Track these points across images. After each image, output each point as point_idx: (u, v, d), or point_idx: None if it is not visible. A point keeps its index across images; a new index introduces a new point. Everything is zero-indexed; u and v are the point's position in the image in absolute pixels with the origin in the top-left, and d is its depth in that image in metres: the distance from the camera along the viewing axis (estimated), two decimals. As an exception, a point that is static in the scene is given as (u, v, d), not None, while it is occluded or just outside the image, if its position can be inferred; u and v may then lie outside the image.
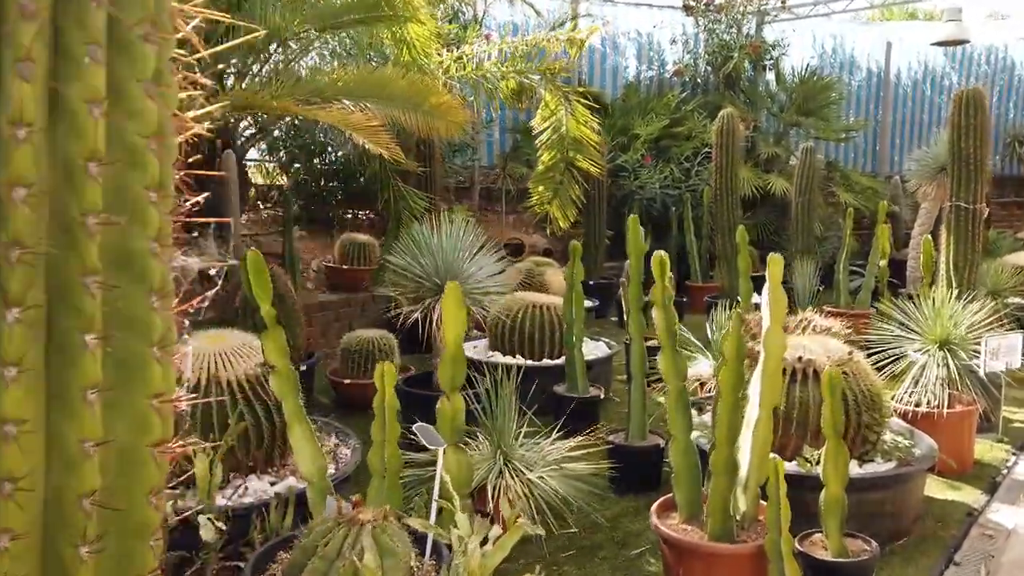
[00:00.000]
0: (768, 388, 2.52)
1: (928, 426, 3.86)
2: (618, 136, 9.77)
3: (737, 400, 2.53)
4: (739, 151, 7.16)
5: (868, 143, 12.26)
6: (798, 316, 4.97)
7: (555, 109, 6.50)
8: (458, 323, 2.56)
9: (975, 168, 4.56)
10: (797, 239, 8.25)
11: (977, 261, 4.66)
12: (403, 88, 4.46)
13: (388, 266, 3.95)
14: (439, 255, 3.89)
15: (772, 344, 2.51)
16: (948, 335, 3.99)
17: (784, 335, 2.50)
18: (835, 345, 3.38)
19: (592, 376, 4.67)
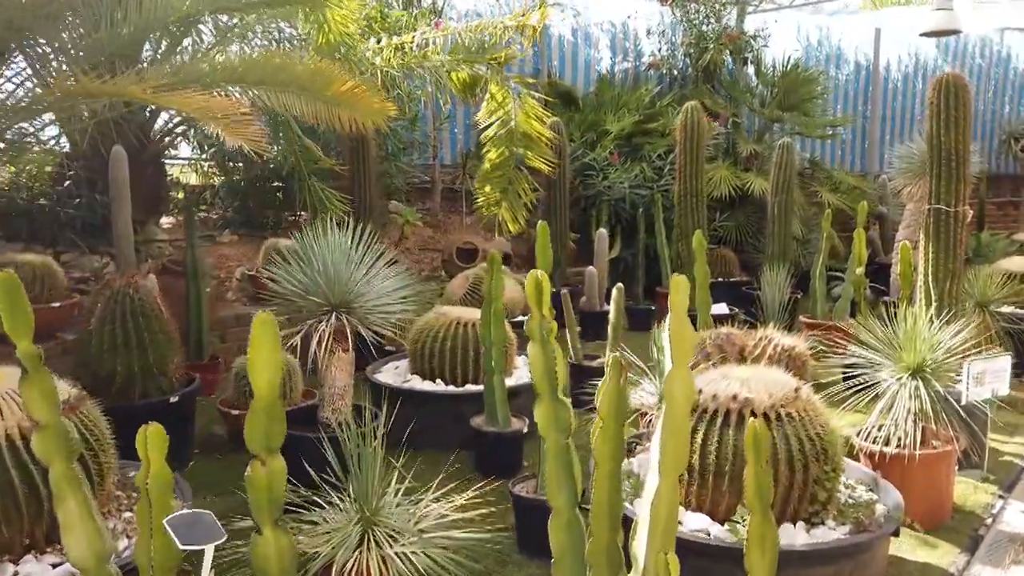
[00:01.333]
0: (672, 449, 1.94)
1: (898, 470, 3.28)
2: (587, 133, 9.19)
3: (618, 470, 1.95)
4: (704, 148, 6.56)
5: (856, 140, 11.67)
6: (758, 334, 4.39)
7: (503, 102, 5.92)
8: (270, 367, 1.98)
9: (957, 165, 3.98)
10: (773, 242, 7.67)
11: (959, 272, 4.08)
12: (301, 74, 3.88)
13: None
14: (325, 269, 3.30)
15: (676, 391, 1.93)
16: (922, 361, 3.41)
17: (691, 379, 1.92)
18: (780, 379, 2.80)
19: (519, 405, 4.09)
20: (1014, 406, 4.50)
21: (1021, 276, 6.60)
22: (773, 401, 2.67)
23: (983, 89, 12.49)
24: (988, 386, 3.75)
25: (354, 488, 2.53)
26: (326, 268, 3.26)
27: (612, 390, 1.89)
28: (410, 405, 4.12)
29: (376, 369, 4.52)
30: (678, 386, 1.93)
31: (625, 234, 8.49)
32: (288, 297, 3.26)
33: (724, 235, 9.37)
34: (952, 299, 4.07)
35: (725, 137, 9.78)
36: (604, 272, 7.31)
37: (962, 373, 3.63)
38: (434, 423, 3.99)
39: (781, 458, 2.60)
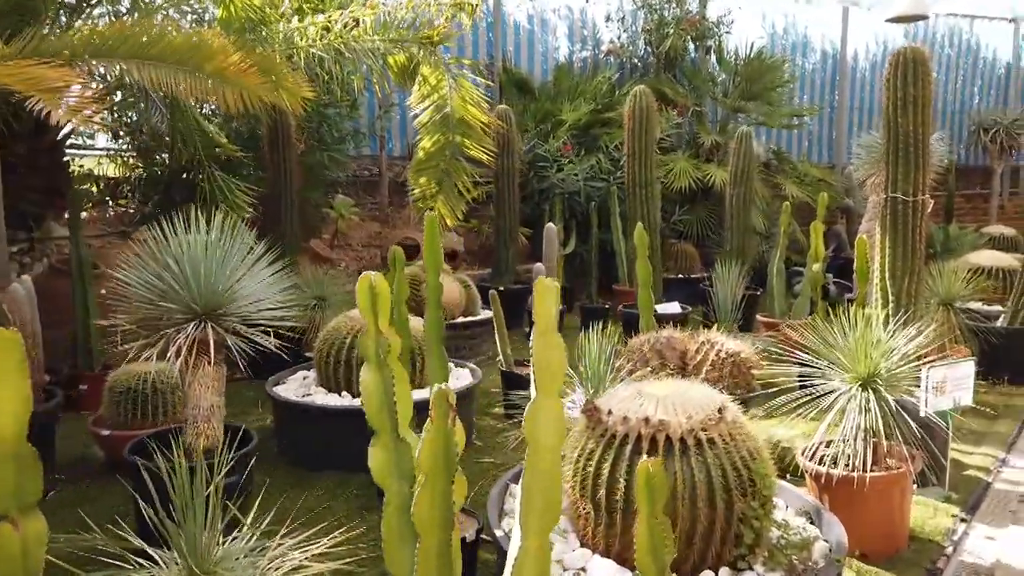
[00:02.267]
0: (539, 503, 1.52)
1: (846, 494, 2.89)
2: (542, 123, 8.76)
3: (448, 541, 1.51)
4: (655, 135, 6.14)
5: (823, 131, 11.35)
6: (701, 337, 3.99)
7: (437, 85, 5.46)
8: (15, 398, 1.52)
9: (916, 150, 3.59)
10: (732, 237, 7.29)
11: (919, 268, 3.70)
12: (179, 47, 3.40)
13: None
14: (189, 269, 2.84)
15: (540, 431, 1.50)
16: (874, 370, 3.01)
17: (560, 413, 1.50)
18: (704, 397, 2.38)
19: (432, 419, 3.65)
20: (979, 411, 4.14)
21: (989, 271, 6.28)
22: (692, 424, 2.25)
23: (952, 79, 12.23)
24: (949, 395, 3.37)
25: (185, 536, 2.08)
26: (190, 268, 2.79)
27: (436, 436, 1.45)
28: (310, 422, 3.67)
29: (280, 380, 4.06)
30: (544, 423, 1.50)
31: (580, 229, 8.08)
32: (142, 303, 2.79)
33: (685, 229, 9.00)
34: (911, 298, 3.68)
35: (687, 127, 9.40)
36: (554, 269, 6.88)
37: (920, 382, 3.25)
38: (337, 442, 3.54)
39: (700, 493, 2.18)
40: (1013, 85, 12.61)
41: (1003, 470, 3.88)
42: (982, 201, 12.39)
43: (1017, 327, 5.29)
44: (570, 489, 2.37)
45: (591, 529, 2.31)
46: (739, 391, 3.85)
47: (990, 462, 3.94)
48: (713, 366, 3.83)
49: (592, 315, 7.39)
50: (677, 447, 2.22)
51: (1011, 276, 6.27)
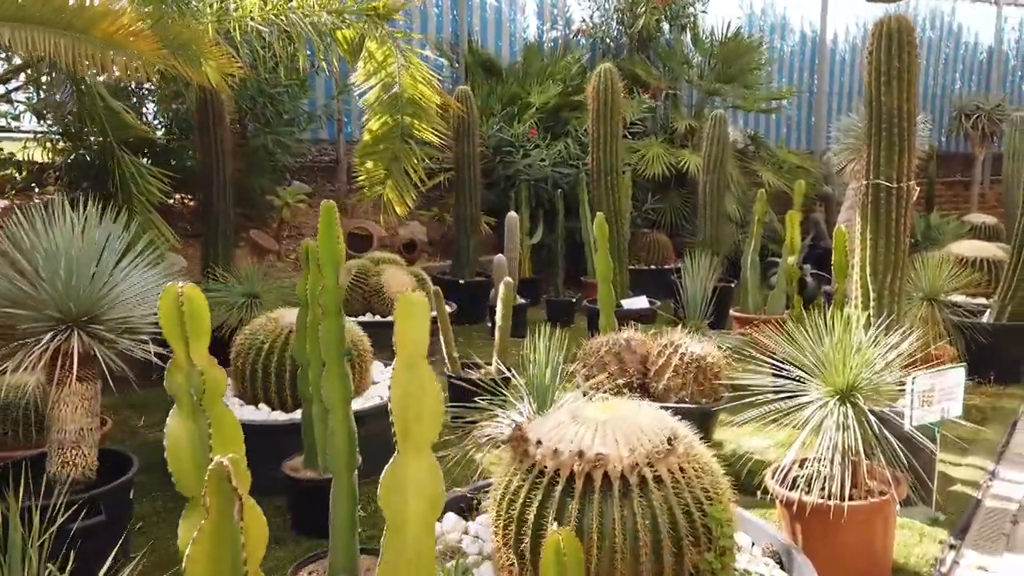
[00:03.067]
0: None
1: (822, 526, 2.52)
2: (509, 106, 8.32)
3: None
4: (621, 116, 5.73)
5: (802, 116, 10.99)
6: (663, 339, 3.60)
7: (384, 62, 5.01)
8: None
9: (901, 130, 3.21)
10: (705, 226, 6.92)
11: (903, 262, 3.33)
12: (59, 7, 2.94)
13: None
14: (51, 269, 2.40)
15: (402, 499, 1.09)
16: (853, 382, 2.64)
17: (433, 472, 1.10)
18: (652, 421, 1.98)
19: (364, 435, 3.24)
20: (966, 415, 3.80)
21: (973, 262, 5.96)
22: (636, 458, 1.85)
23: (934, 63, 11.92)
24: (937, 407, 3.01)
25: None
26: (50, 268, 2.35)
27: (210, 541, 1.03)
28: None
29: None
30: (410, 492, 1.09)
31: (548, 217, 7.66)
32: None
33: (658, 218, 8.61)
34: (894, 296, 3.31)
35: (661, 111, 9.01)
36: (515, 260, 6.47)
37: (904, 391, 2.88)
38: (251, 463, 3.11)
39: (644, 544, 1.79)
40: (995, 70, 12.33)
41: (993, 484, 3.54)
42: (963, 189, 12.12)
43: (1004, 323, 4.97)
44: (493, 534, 1.97)
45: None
46: (704, 400, 3.47)
47: (979, 475, 3.59)
48: (676, 372, 3.45)
49: (558, 309, 7.01)
50: (617, 486, 1.83)
51: (996, 267, 5.95)
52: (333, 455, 2.06)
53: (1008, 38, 12.45)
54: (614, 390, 3.53)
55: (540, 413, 3.05)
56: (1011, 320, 4.95)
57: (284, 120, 6.37)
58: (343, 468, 2.02)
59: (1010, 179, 8.99)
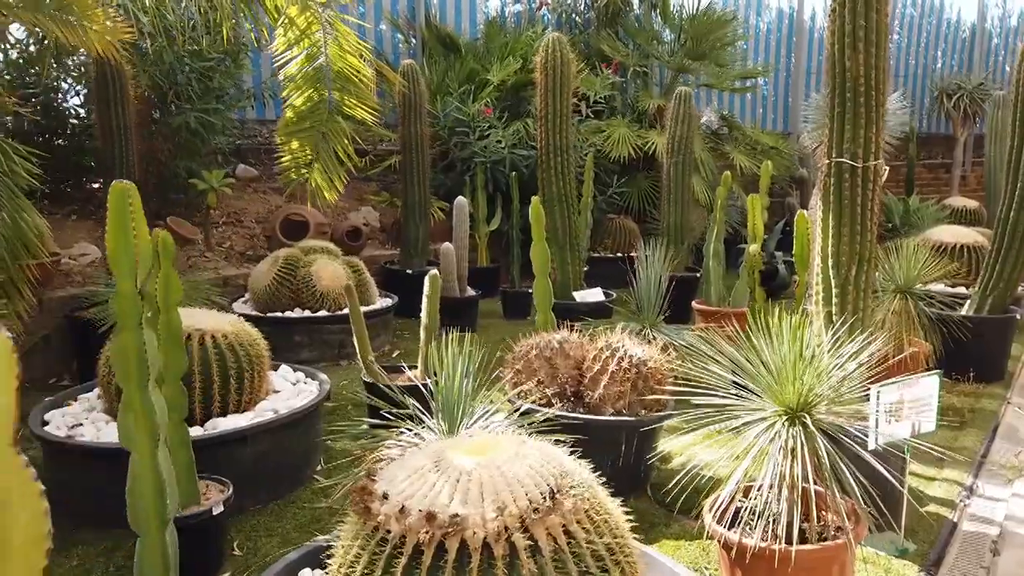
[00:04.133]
0: None
1: (766, 572, 2.10)
2: (466, 83, 7.83)
3: None
4: (571, 91, 5.27)
5: (778, 96, 10.57)
6: (600, 342, 3.17)
7: (307, 30, 4.51)
8: None
9: (867, 99, 2.77)
10: (669, 211, 6.48)
11: (871, 253, 2.90)
12: None
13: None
14: None
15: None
16: (806, 399, 2.21)
17: None
18: (537, 467, 1.54)
19: (239, 459, 2.79)
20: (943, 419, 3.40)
21: (953, 249, 5.57)
22: (505, 521, 1.41)
23: (915, 41, 11.51)
24: (907, 421, 2.60)
25: None
26: None
27: None
28: (74, 465, 2.78)
29: (53, 406, 3.14)
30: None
31: (506, 203, 7.20)
32: None
33: (623, 203, 8.18)
34: (859, 291, 2.88)
35: (631, 90, 8.55)
36: (465, 249, 6.02)
37: (868, 405, 2.47)
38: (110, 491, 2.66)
39: (510, 636, 1.35)
40: (978, 48, 11.94)
41: (971, 502, 3.15)
42: (943, 171, 11.76)
43: (985, 316, 4.58)
44: (329, 613, 1.53)
45: None
46: (644, 411, 3.04)
47: (955, 492, 3.19)
48: (613, 379, 3.01)
49: (515, 302, 6.57)
50: (477, 560, 1.39)
51: (976, 254, 5.56)
52: (136, 508, 1.61)
53: (991, 15, 12.06)
54: (543, 400, 3.10)
55: (451, 433, 2.61)
56: (992, 312, 4.56)
57: (213, 97, 5.87)
58: (151, 525, 1.57)
59: (992, 161, 8.61)
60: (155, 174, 5.96)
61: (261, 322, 4.92)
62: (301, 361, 4.81)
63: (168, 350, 2.39)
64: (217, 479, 2.61)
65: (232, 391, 3.00)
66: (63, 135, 5.85)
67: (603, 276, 6.57)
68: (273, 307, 4.99)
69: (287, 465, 3.05)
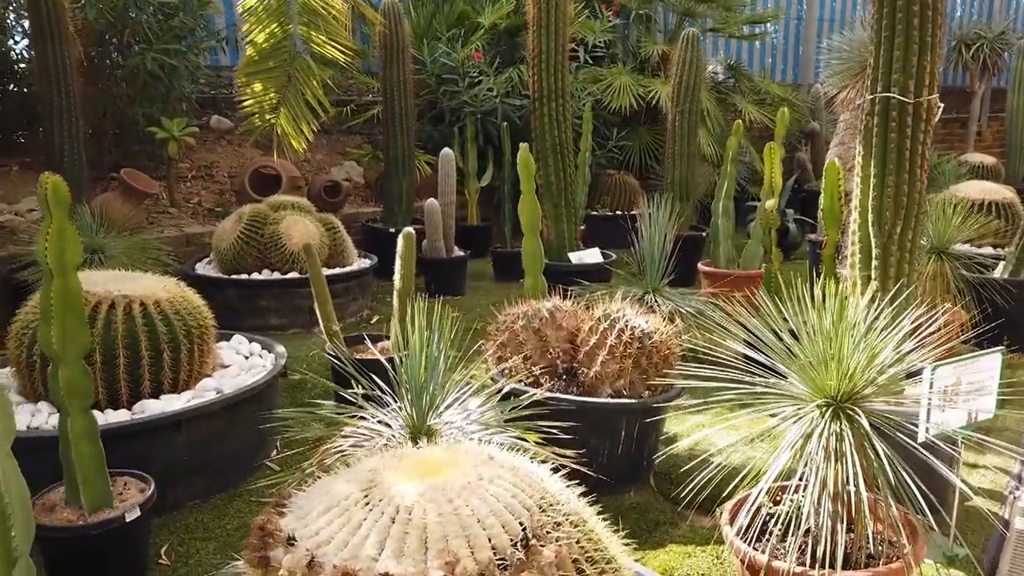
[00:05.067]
0: None
1: (801, 603, 1.68)
2: (455, 26, 7.27)
3: None
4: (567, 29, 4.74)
5: (788, 45, 9.97)
6: (598, 309, 2.73)
7: (268, -44, 3.98)
8: None
9: (923, 21, 2.29)
10: (673, 166, 5.99)
11: (919, 207, 2.44)
12: None
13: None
14: None
15: None
16: (852, 387, 1.78)
17: None
18: (505, 497, 1.11)
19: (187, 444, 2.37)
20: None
21: (982, 206, 5.10)
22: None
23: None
24: (964, 406, 2.17)
25: None
26: None
27: None
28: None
29: (-39, 381, 2.70)
30: None
31: (498, 157, 6.70)
32: None
33: (624, 157, 7.67)
34: (905, 252, 2.43)
35: (633, 36, 7.97)
36: (451, 205, 5.55)
37: (920, 388, 2.04)
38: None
39: None
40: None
41: (1021, 494, 2.73)
42: (958, 127, 11.20)
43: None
44: None
45: None
46: (647, 392, 2.61)
47: (1001, 482, 2.79)
48: (612, 354, 2.58)
49: (506, 263, 6.11)
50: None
51: (1006, 211, 5.11)
52: None
53: (1014, -40, 11.39)
54: (530, 379, 2.67)
55: (418, 421, 2.19)
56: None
57: (174, 37, 5.32)
58: None
59: (1015, 113, 8.09)
60: (113, 122, 5.45)
61: (225, 285, 4.50)
62: (270, 327, 4.39)
63: (65, 323, 1.94)
64: (139, 475, 2.18)
65: (166, 368, 2.56)
66: (11, 79, 5.33)
67: (602, 236, 6.12)
68: (238, 269, 4.54)
69: (232, 453, 2.63)
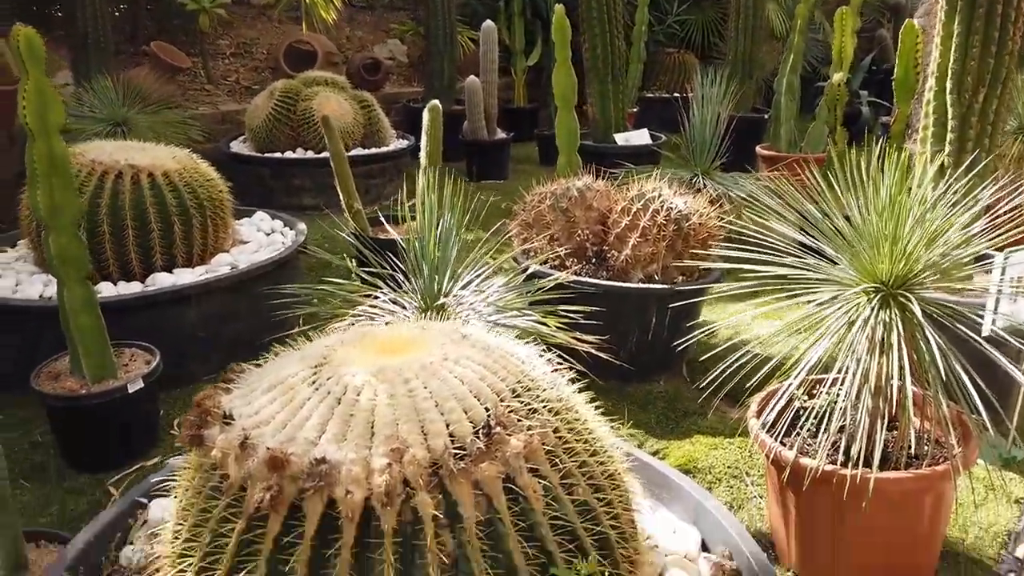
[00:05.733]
0: None
1: (831, 503, 1.53)
2: None
3: None
4: None
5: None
6: (632, 189, 2.51)
7: None
8: None
9: None
10: (736, 41, 5.51)
11: (1007, 70, 2.10)
12: None
13: None
14: None
15: None
16: (908, 271, 1.55)
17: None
18: (474, 381, 0.96)
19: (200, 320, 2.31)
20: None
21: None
22: (404, 471, 0.84)
23: None
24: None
25: None
26: None
27: None
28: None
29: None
30: None
31: (547, 32, 6.29)
32: None
33: (685, 34, 7.13)
34: (986, 123, 2.11)
35: None
36: (493, 84, 5.25)
37: (990, 277, 1.79)
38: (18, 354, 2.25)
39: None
40: None
41: (1095, 397, 2.49)
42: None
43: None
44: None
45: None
46: (682, 276, 2.42)
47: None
48: (645, 237, 2.37)
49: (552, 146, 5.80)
50: (351, 536, 0.84)
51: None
52: None
53: None
54: (555, 261, 2.49)
55: (426, 306, 2.06)
56: None
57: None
58: None
59: None
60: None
61: (257, 163, 4.39)
62: (304, 207, 4.30)
63: (52, 188, 1.83)
64: (146, 347, 2.13)
65: (178, 241, 2.47)
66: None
67: (655, 119, 5.76)
68: (271, 147, 4.42)
69: (246, 329, 2.56)
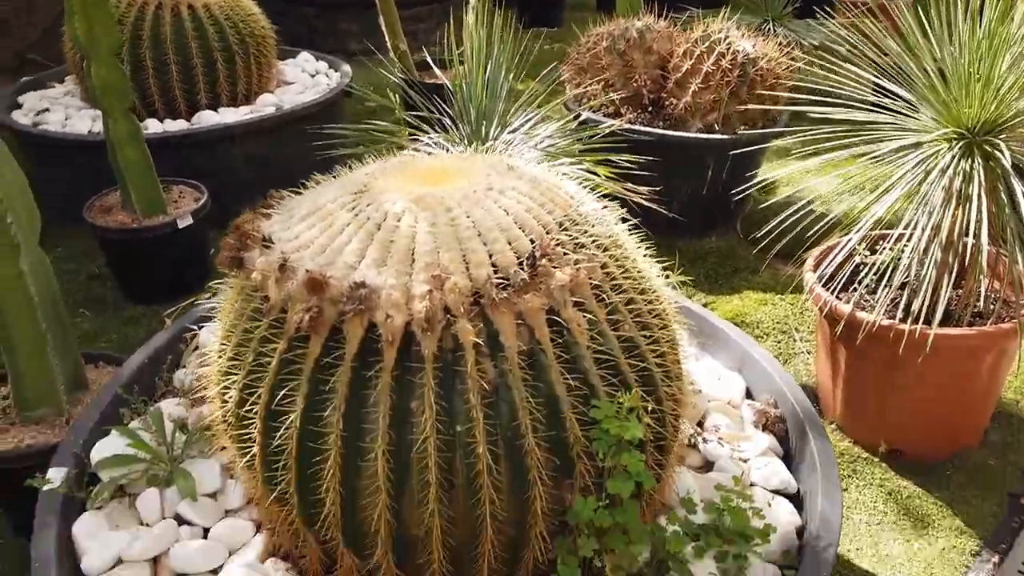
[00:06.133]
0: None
1: (886, 359, 1.49)
2: None
3: None
4: None
5: None
6: (697, 33, 2.34)
7: None
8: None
9: None
10: None
11: None
12: None
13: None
14: None
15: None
16: (996, 114, 1.41)
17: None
18: (499, 212, 0.90)
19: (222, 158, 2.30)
20: None
21: None
22: (445, 299, 0.82)
23: None
24: None
25: None
26: None
27: None
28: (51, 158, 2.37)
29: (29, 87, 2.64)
30: None
31: None
32: None
33: None
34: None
35: None
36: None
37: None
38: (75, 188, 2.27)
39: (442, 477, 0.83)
40: None
41: None
42: None
43: None
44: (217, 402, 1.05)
45: (260, 495, 1.03)
46: (744, 126, 2.28)
47: None
48: (708, 81, 2.22)
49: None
50: (392, 359, 0.83)
51: None
52: None
53: None
54: (610, 109, 2.37)
55: (472, 146, 1.99)
56: None
57: None
58: None
59: None
60: None
61: (303, 2, 4.22)
62: (350, 53, 4.15)
63: (89, 15, 1.77)
64: (193, 184, 2.13)
65: (221, 79, 2.41)
66: None
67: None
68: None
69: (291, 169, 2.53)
